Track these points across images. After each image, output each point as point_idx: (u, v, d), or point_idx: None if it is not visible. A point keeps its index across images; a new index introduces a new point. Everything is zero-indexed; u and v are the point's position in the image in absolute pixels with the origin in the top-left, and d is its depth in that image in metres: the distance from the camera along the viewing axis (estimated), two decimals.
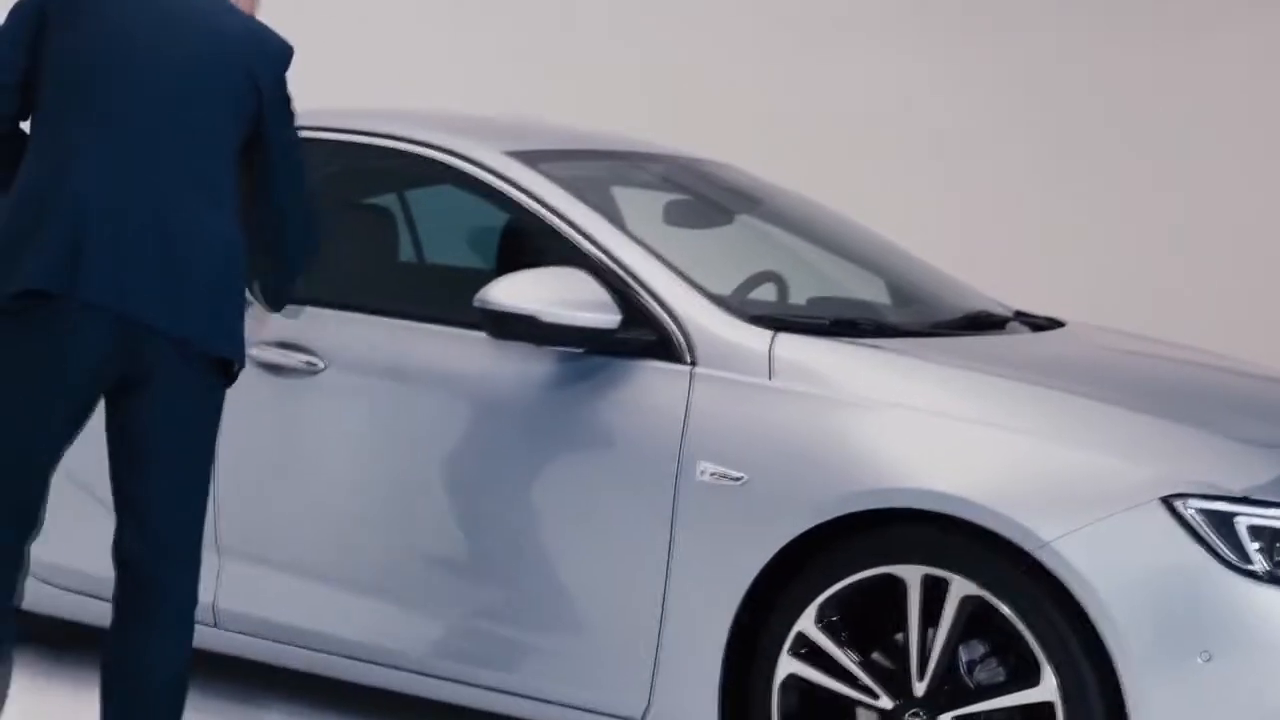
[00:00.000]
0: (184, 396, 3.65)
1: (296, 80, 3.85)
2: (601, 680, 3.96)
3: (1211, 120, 8.31)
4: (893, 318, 4.53)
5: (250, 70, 3.68)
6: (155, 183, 3.56)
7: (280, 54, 3.76)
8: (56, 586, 4.82)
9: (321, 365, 4.31)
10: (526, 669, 4.06)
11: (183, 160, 3.59)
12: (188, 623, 3.76)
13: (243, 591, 4.46)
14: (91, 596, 4.77)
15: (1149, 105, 8.40)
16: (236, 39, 3.70)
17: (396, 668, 4.26)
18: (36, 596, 4.86)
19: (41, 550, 4.79)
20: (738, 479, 3.77)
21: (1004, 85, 8.62)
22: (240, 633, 4.49)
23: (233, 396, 4.37)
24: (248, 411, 4.39)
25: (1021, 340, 4.52)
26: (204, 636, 4.53)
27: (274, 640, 4.44)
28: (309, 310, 4.39)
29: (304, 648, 4.40)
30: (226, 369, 3.72)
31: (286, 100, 3.79)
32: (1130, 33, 8.42)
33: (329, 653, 4.36)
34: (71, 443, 3.76)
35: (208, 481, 3.76)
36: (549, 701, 4.05)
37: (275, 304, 4.09)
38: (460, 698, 4.21)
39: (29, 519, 3.82)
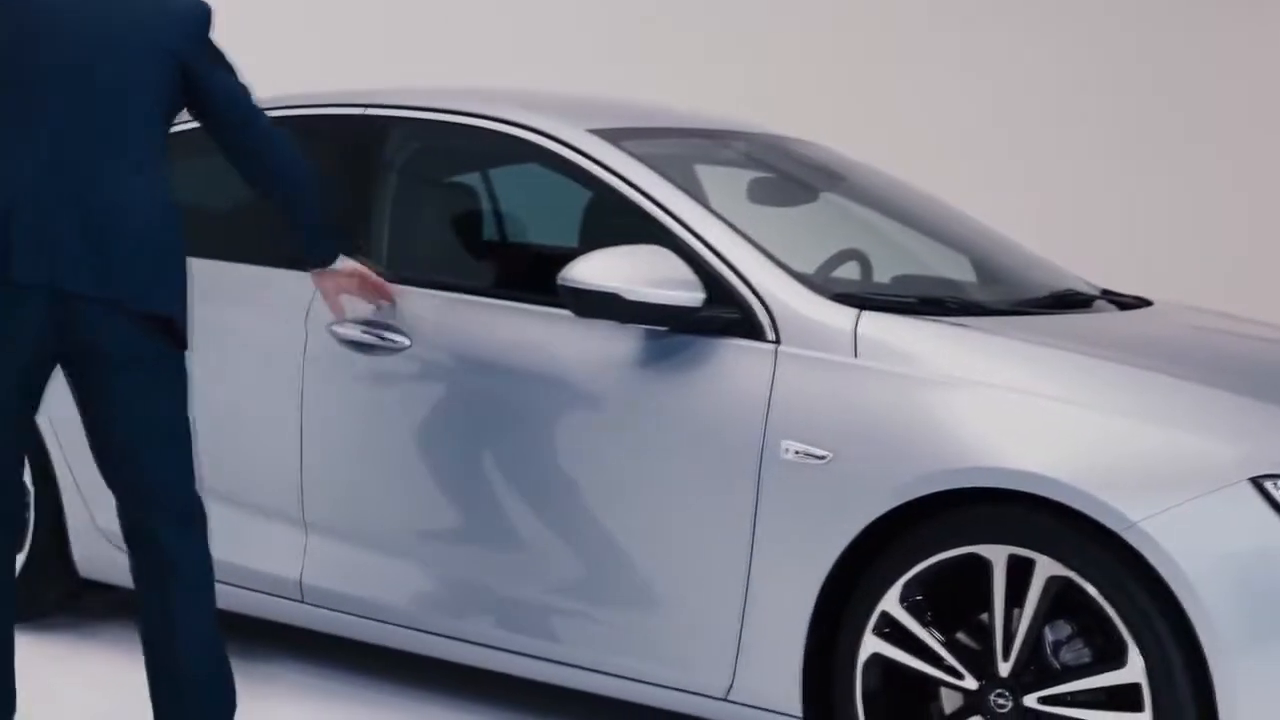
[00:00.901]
0: (134, 362, 3.78)
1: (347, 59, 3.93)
2: (684, 657, 3.97)
3: None
4: (978, 296, 4.51)
5: (157, 38, 3.82)
6: (74, 159, 3.71)
7: (188, 13, 3.89)
8: None
9: (406, 343, 4.33)
10: (610, 646, 4.07)
11: (100, 133, 3.75)
12: (205, 582, 3.89)
13: (328, 567, 4.49)
14: None
15: (1230, 83, 8.30)
16: (142, 8, 3.83)
17: (479, 644, 4.29)
18: (123, 570, 4.92)
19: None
20: (822, 458, 3.76)
21: (1086, 59, 8.54)
22: (325, 608, 4.52)
23: (318, 374, 4.42)
24: (333, 389, 4.43)
25: (1108, 319, 4.48)
26: (290, 612, 4.60)
27: (358, 615, 4.47)
28: (394, 288, 4.41)
29: (388, 623, 4.43)
30: (170, 329, 3.82)
31: (208, 55, 3.92)
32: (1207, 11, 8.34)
33: (412, 628, 4.38)
34: (27, 419, 3.96)
35: (187, 440, 3.86)
36: (632, 679, 4.06)
37: (315, 258, 4.21)
38: (542, 674, 4.23)
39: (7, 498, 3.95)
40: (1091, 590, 3.50)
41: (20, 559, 4.97)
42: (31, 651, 4.85)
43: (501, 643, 4.24)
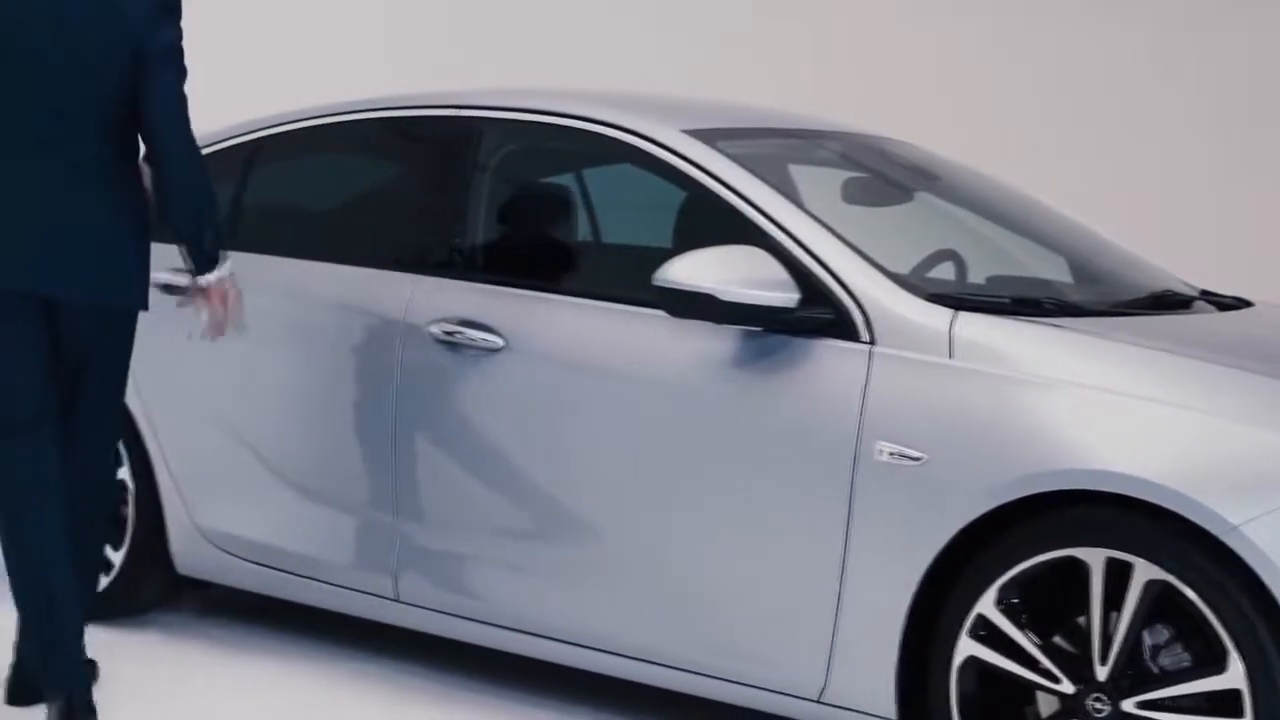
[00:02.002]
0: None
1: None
2: (778, 658, 3.96)
3: None
4: (1075, 296, 4.46)
5: (115, 40, 4.08)
6: (30, 170, 4.10)
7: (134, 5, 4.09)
8: (238, 557, 4.90)
9: (500, 343, 4.34)
10: (704, 646, 4.07)
11: (52, 145, 4.09)
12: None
13: (423, 567, 4.51)
14: (272, 568, 4.86)
15: None
16: (98, 8, 4.08)
17: (572, 643, 4.29)
18: (220, 568, 4.97)
19: (222, 523, 4.91)
20: (917, 459, 3.74)
21: (1180, 56, 8.46)
22: (419, 607, 4.54)
23: (413, 372, 4.45)
24: (428, 389, 4.45)
25: (1207, 320, 4.43)
26: (384, 611, 4.62)
27: (452, 615, 4.49)
28: (489, 289, 4.43)
29: (480, 622, 4.44)
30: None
31: (157, 48, 4.11)
32: None
33: (504, 627, 4.40)
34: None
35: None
36: (725, 679, 4.06)
37: (196, 265, 4.28)
38: (636, 674, 4.23)
39: None
40: (1191, 594, 3.46)
41: (119, 556, 5.06)
42: (127, 648, 4.91)
43: (595, 642, 4.25)
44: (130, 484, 5.06)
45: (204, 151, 5.17)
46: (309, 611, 4.94)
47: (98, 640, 4.83)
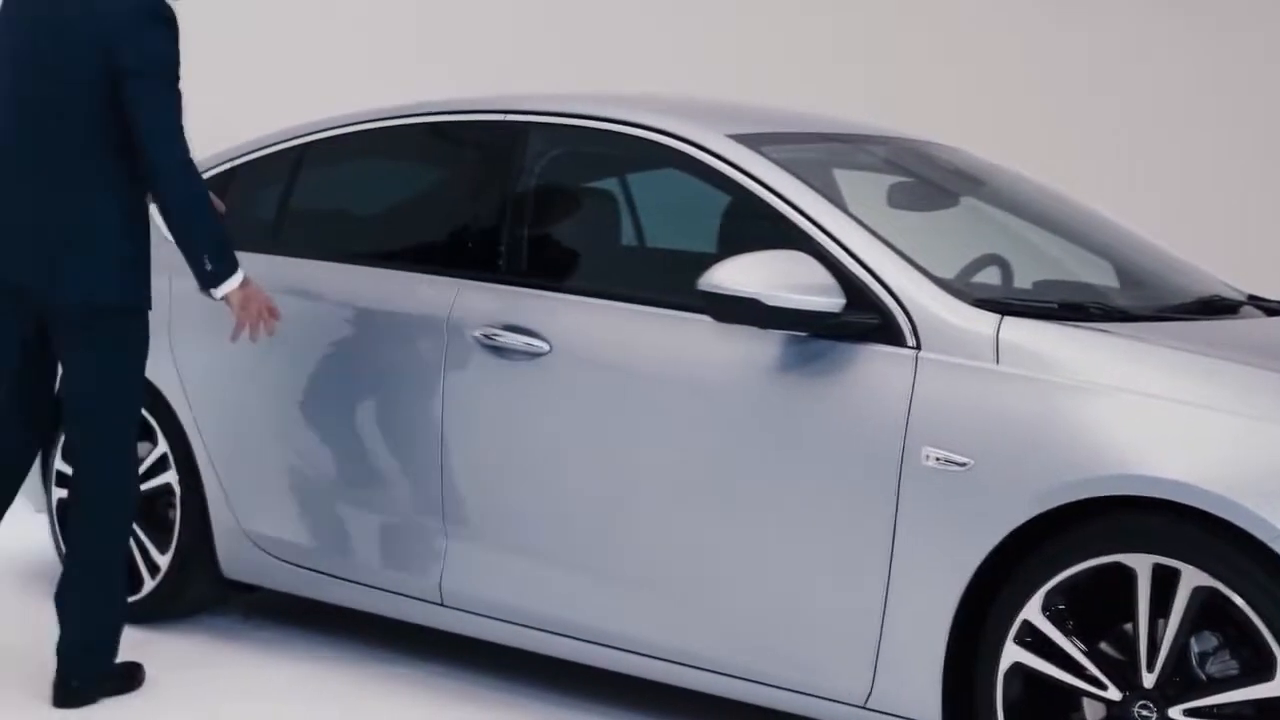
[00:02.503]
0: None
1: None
2: (823, 664, 3.95)
3: None
4: (1121, 301, 4.44)
5: (91, 49, 4.19)
6: (20, 174, 4.28)
7: (118, 10, 4.19)
8: (284, 561, 4.92)
9: (545, 348, 4.35)
10: (747, 650, 4.07)
11: (38, 152, 4.26)
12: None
13: (468, 571, 4.52)
14: (317, 571, 4.87)
15: None
16: (79, 20, 4.22)
17: (617, 648, 4.30)
18: (265, 571, 4.99)
19: (267, 526, 4.94)
20: (963, 464, 3.73)
21: (1221, 60, 8.42)
22: (465, 611, 4.55)
23: (458, 376, 4.46)
24: (474, 393, 4.46)
25: (1256, 325, 4.41)
26: (429, 615, 4.63)
27: (497, 619, 4.49)
28: (533, 293, 4.44)
29: (526, 627, 4.45)
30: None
31: (131, 57, 4.19)
32: None
33: (550, 632, 4.40)
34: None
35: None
36: (770, 684, 4.05)
37: (200, 282, 4.41)
38: (680, 678, 4.23)
39: None
40: (1239, 601, 3.44)
41: (165, 559, 5.09)
42: (172, 651, 4.94)
43: (639, 647, 4.25)
44: (177, 488, 5.09)
45: (251, 157, 5.24)
46: (353, 615, 4.96)
47: (144, 642, 4.88)
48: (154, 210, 4.45)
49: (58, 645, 4.45)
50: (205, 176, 5.26)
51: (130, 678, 4.58)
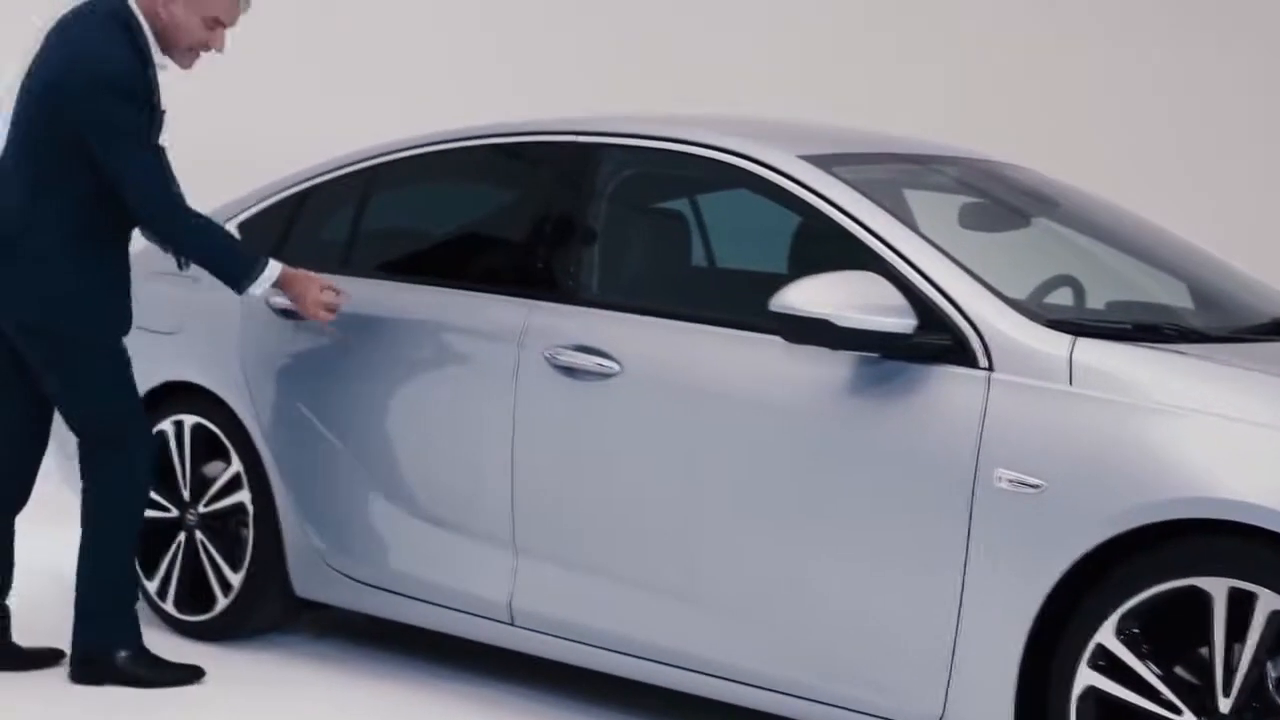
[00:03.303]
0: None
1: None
2: (895, 686, 3.93)
3: None
4: (1195, 322, 4.41)
5: (49, 96, 4.54)
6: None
7: (69, 85, 4.51)
8: (355, 580, 4.94)
9: (616, 369, 4.36)
10: (818, 671, 4.05)
11: (17, 179, 4.62)
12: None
13: (539, 591, 4.53)
14: (387, 590, 4.89)
15: None
16: (52, 67, 4.57)
17: (687, 669, 4.29)
18: (337, 590, 5.01)
19: (339, 545, 4.96)
20: (1036, 486, 3.71)
21: None
22: (535, 631, 4.56)
23: (529, 397, 4.47)
24: (545, 413, 4.47)
25: None
26: (499, 634, 4.64)
27: (568, 639, 4.50)
28: (604, 314, 4.44)
29: (596, 647, 4.45)
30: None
31: (92, 117, 4.50)
32: None
33: (620, 652, 4.40)
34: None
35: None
36: (842, 706, 4.03)
37: (237, 289, 4.73)
38: (749, 700, 4.22)
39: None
40: None
41: (238, 578, 5.12)
42: (245, 669, 4.97)
43: (709, 667, 4.24)
44: (250, 507, 5.12)
45: (323, 179, 5.28)
46: (423, 634, 4.97)
47: (215, 659, 4.92)
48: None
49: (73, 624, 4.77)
50: (280, 198, 5.33)
51: (157, 670, 4.76)
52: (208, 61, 4.75)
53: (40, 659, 4.88)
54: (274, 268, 4.69)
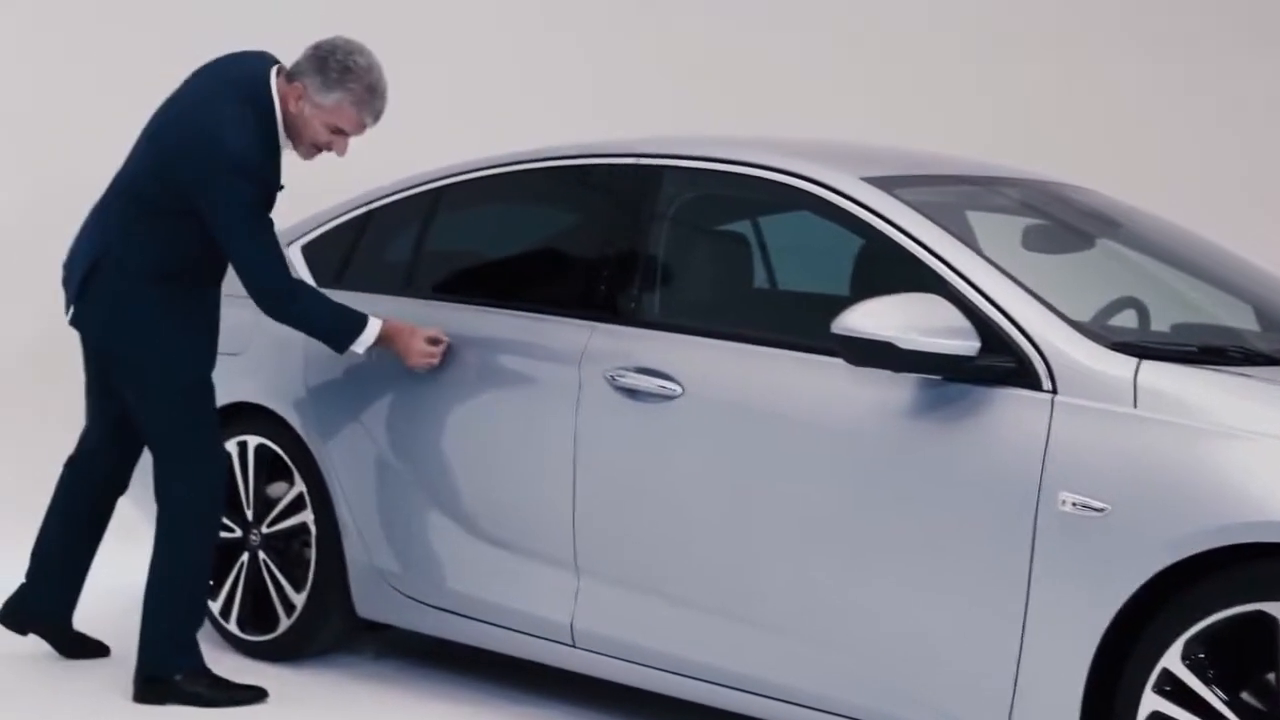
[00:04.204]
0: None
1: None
2: (958, 710, 3.91)
3: None
4: (1261, 345, 4.37)
5: (171, 162, 4.68)
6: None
7: (193, 157, 4.63)
8: (417, 600, 4.96)
9: (678, 391, 4.36)
10: (881, 695, 4.04)
11: (117, 201, 4.83)
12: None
13: (601, 612, 4.53)
14: (449, 611, 4.90)
15: None
16: (181, 132, 4.69)
17: (749, 692, 4.28)
18: (399, 610, 5.02)
19: (401, 566, 4.97)
20: (1100, 510, 3.69)
21: None
22: (597, 653, 4.56)
23: (591, 418, 4.48)
24: (607, 435, 4.48)
25: None
26: (561, 656, 4.64)
27: (630, 661, 4.50)
28: (666, 336, 4.45)
29: (658, 669, 4.44)
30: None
31: (208, 193, 4.63)
32: None
33: (683, 675, 4.40)
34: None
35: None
36: None
37: (340, 351, 4.87)
38: None
39: None
40: None
41: (300, 598, 5.14)
42: (307, 689, 5.00)
43: (770, 690, 4.23)
44: (313, 527, 5.14)
45: (388, 200, 5.32)
46: (485, 655, 4.98)
47: (278, 679, 4.95)
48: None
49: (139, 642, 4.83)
50: (345, 220, 5.36)
51: (220, 690, 4.80)
52: None
53: (93, 647, 5.11)
54: (374, 326, 4.80)
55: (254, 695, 4.81)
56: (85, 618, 5.17)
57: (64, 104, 6.48)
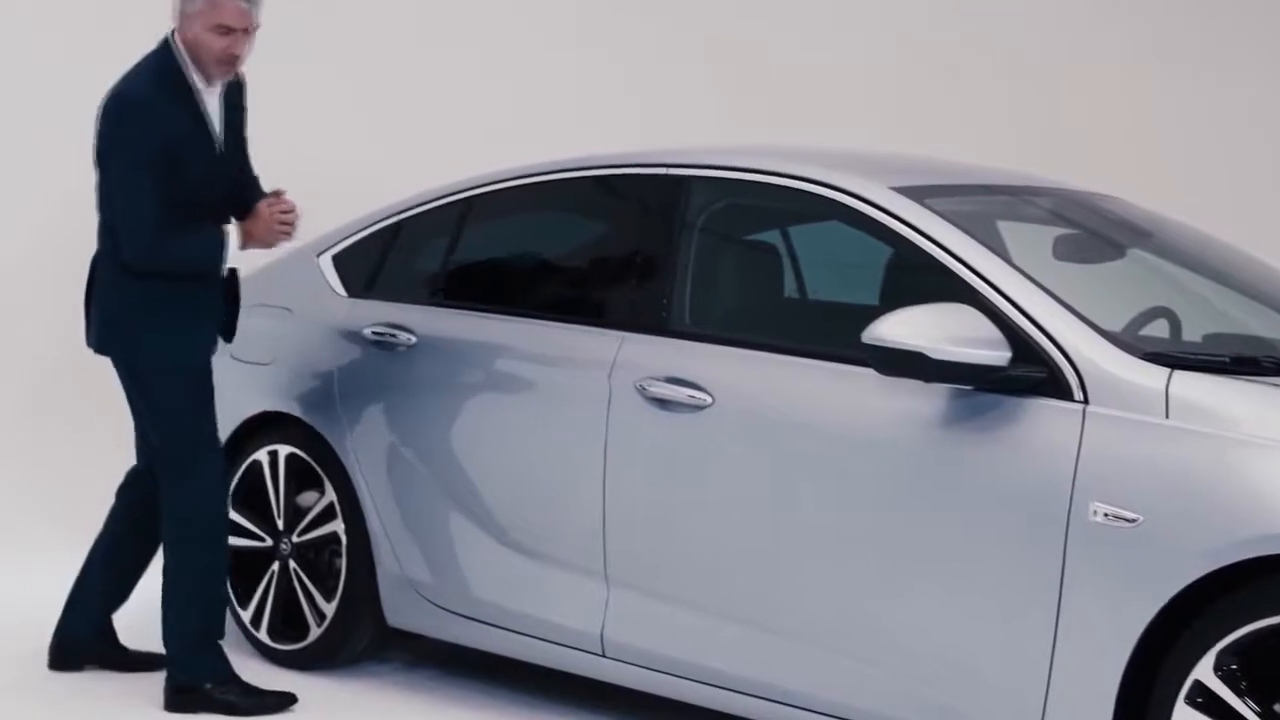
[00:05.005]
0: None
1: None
2: None
3: None
4: None
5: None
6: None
7: (102, 107, 4.76)
8: (447, 610, 4.96)
9: (708, 400, 4.36)
10: (911, 705, 4.03)
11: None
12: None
13: (631, 622, 4.53)
14: (479, 620, 4.90)
15: None
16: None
17: (778, 701, 4.28)
18: (429, 619, 5.03)
19: (431, 575, 4.97)
20: (1132, 520, 3.68)
21: None
22: (627, 663, 4.56)
23: (621, 428, 4.47)
24: (637, 445, 4.48)
25: None
26: (591, 666, 4.64)
27: (660, 671, 4.49)
28: (696, 346, 4.45)
29: (689, 679, 4.44)
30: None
31: (101, 148, 4.76)
32: None
33: (714, 685, 4.39)
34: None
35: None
36: None
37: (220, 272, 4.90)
38: None
39: None
40: None
41: (331, 608, 5.15)
42: (338, 698, 5.01)
43: (800, 700, 4.23)
44: (343, 537, 5.15)
45: (418, 210, 5.35)
46: (514, 664, 4.98)
47: (308, 689, 4.95)
48: None
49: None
50: (375, 229, 5.38)
51: (249, 697, 4.82)
52: (308, 93, 4.80)
53: (145, 662, 5.09)
54: (230, 239, 4.86)
55: (284, 701, 4.82)
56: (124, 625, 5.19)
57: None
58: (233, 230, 4.88)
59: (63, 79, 4.91)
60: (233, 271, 4.90)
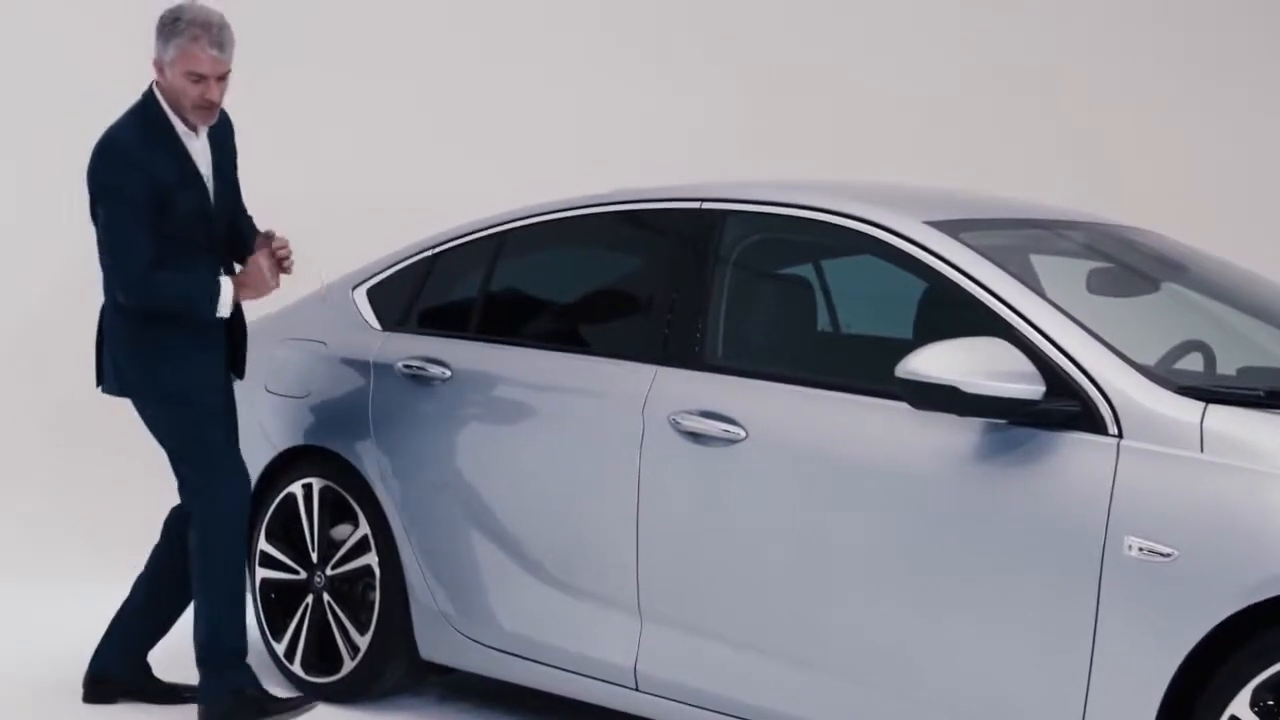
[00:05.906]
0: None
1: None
2: None
3: None
4: None
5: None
6: None
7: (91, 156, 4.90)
8: (480, 643, 4.96)
9: (742, 434, 4.36)
10: None
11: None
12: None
13: (663, 656, 4.52)
14: (513, 654, 4.90)
15: None
16: None
17: None
18: (462, 653, 5.03)
19: (464, 608, 4.98)
20: (1167, 555, 3.66)
21: None
22: (660, 696, 4.55)
23: (654, 462, 4.48)
24: (670, 479, 4.48)
25: None
26: (624, 699, 4.64)
27: (693, 705, 4.49)
28: (730, 380, 4.45)
29: (723, 714, 4.43)
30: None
31: (92, 196, 4.92)
32: None
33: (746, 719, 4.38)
34: None
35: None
36: None
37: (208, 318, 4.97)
38: None
39: None
40: None
41: (365, 640, 5.16)
42: None
43: None
44: (377, 570, 5.16)
45: (452, 244, 5.37)
46: (548, 698, 4.98)
47: None
48: None
49: None
50: (411, 262, 5.40)
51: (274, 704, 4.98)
52: (345, 126, 4.83)
53: (178, 694, 5.17)
54: (226, 291, 4.92)
55: (301, 702, 5.03)
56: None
57: None
58: (227, 282, 4.95)
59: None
60: (237, 306, 4.98)
